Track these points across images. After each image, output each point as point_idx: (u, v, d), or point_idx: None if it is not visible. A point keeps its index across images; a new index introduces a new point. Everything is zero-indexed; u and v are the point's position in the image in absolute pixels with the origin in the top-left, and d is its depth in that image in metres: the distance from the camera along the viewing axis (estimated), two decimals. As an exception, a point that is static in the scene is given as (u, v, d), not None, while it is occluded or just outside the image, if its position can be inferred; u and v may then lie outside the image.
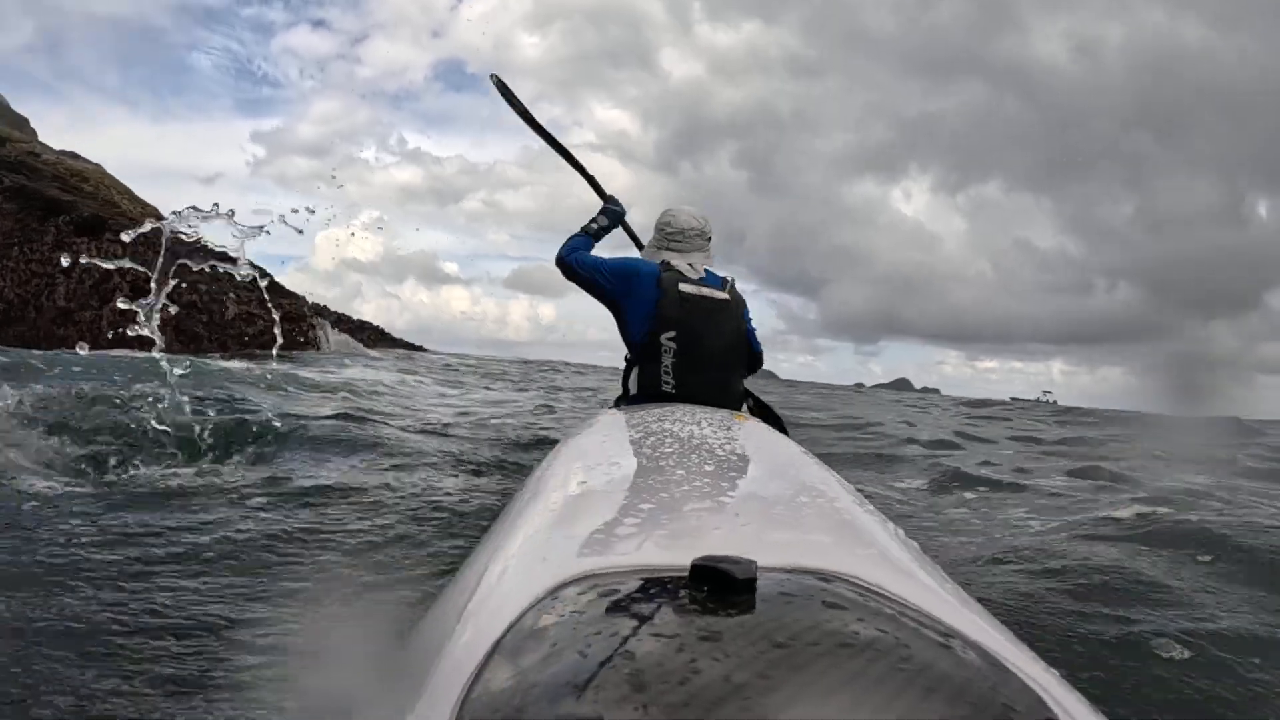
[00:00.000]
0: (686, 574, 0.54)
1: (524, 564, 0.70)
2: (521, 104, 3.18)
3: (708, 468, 1.10)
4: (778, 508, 0.89)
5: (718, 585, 0.52)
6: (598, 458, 1.28)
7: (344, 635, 1.46)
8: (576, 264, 2.51)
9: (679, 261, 2.43)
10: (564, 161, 3.09)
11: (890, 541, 0.78)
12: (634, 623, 0.49)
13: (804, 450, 1.44)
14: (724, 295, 2.41)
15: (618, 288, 2.44)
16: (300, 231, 3.42)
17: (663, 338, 2.37)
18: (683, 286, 2.37)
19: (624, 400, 2.57)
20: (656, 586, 0.56)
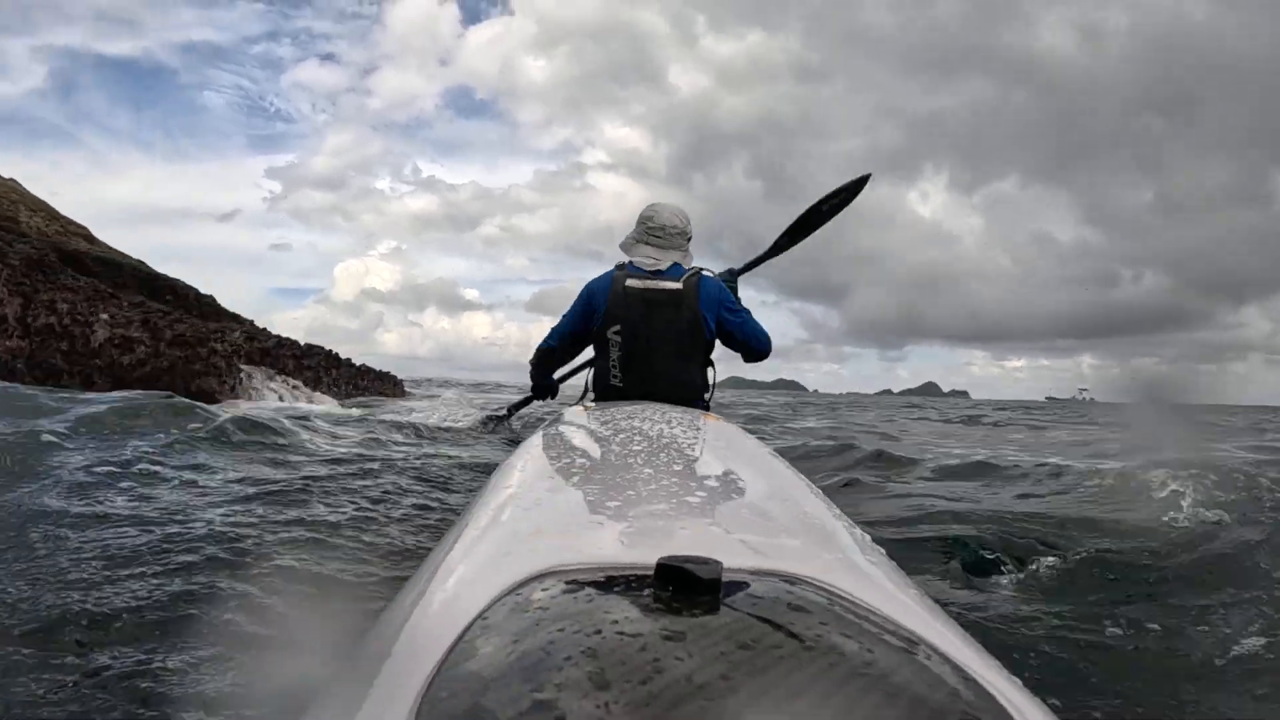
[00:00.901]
0: (652, 572, 0.54)
1: (488, 559, 0.69)
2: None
3: (676, 467, 1.10)
4: (745, 509, 0.88)
5: (682, 585, 0.52)
6: (565, 454, 1.27)
7: (301, 631, 1.43)
8: (558, 346, 2.66)
9: (644, 256, 2.45)
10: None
11: (856, 546, 0.79)
12: (597, 620, 0.48)
13: (773, 452, 1.44)
14: (675, 285, 2.39)
15: (587, 311, 2.50)
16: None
17: (609, 332, 2.41)
18: (629, 282, 2.39)
19: (583, 398, 2.60)
20: (621, 584, 0.55)
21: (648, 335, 2.37)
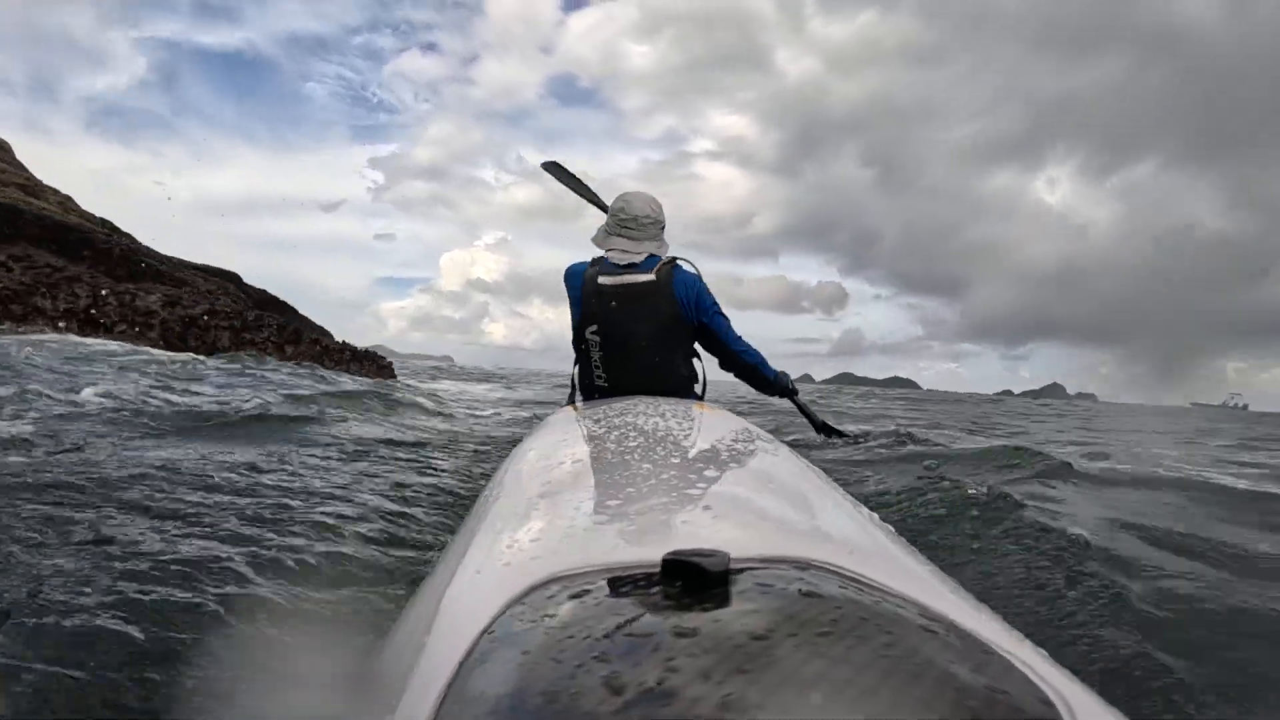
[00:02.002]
0: (658, 570, 0.52)
1: (490, 570, 0.68)
2: (575, 179, 3.15)
3: (674, 460, 1.09)
4: (749, 497, 0.87)
5: (690, 580, 0.51)
6: (560, 456, 1.25)
7: (304, 656, 1.41)
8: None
9: (616, 249, 2.42)
10: None
11: (865, 526, 0.78)
12: (606, 623, 0.47)
13: (773, 437, 1.43)
14: (648, 277, 2.34)
15: (569, 299, 2.47)
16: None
17: (587, 333, 2.38)
18: (601, 279, 2.36)
19: (571, 398, 2.57)
20: (628, 584, 0.54)
21: (626, 332, 2.34)
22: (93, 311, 12.48)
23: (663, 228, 2.50)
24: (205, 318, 13.46)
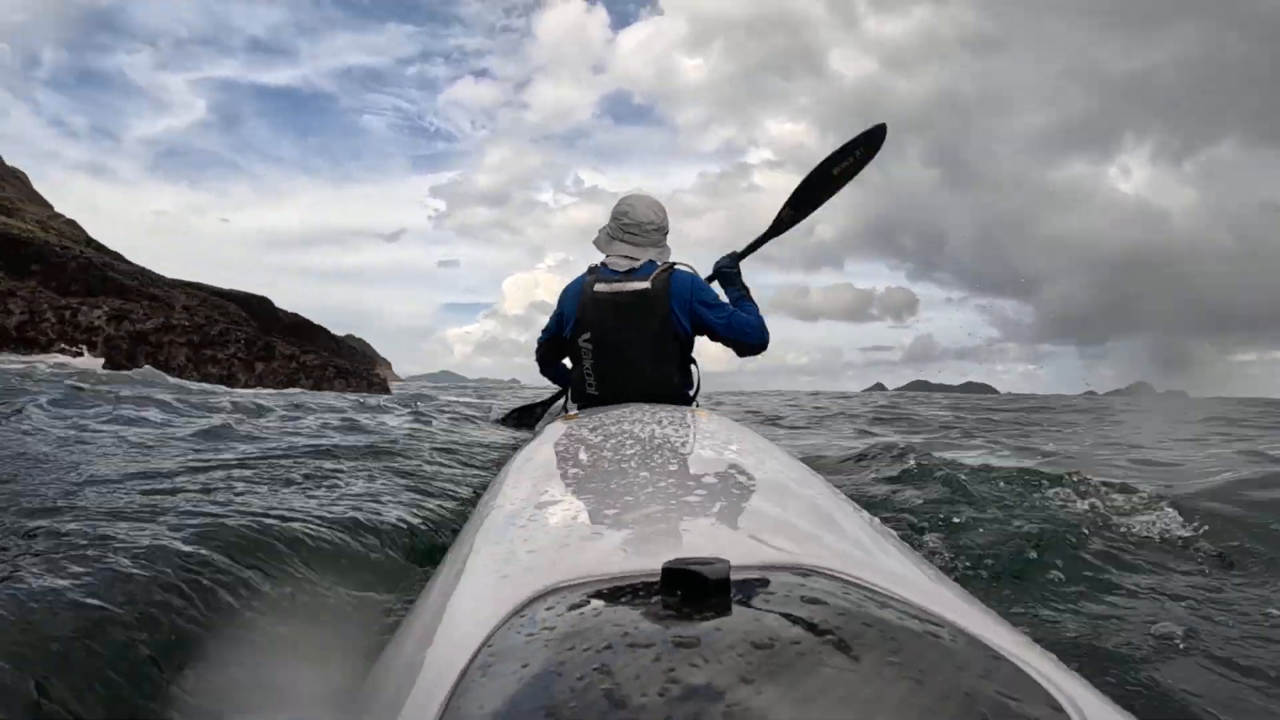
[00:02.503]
0: (657, 579, 0.52)
1: (487, 583, 0.67)
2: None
3: (672, 467, 1.08)
4: (748, 503, 0.87)
5: (691, 588, 0.50)
6: (556, 467, 1.24)
7: (300, 672, 1.40)
8: (541, 350, 2.67)
9: (617, 255, 2.42)
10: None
11: (867, 531, 0.77)
12: (606, 635, 0.47)
13: (771, 442, 1.43)
14: (643, 285, 2.32)
15: (560, 318, 2.49)
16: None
17: (580, 340, 2.38)
18: (597, 288, 2.35)
19: (564, 408, 2.58)
20: (627, 594, 0.53)
21: (619, 341, 2.33)
22: (27, 329, 12.02)
23: (666, 233, 2.49)
24: (156, 333, 12.80)
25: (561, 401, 2.65)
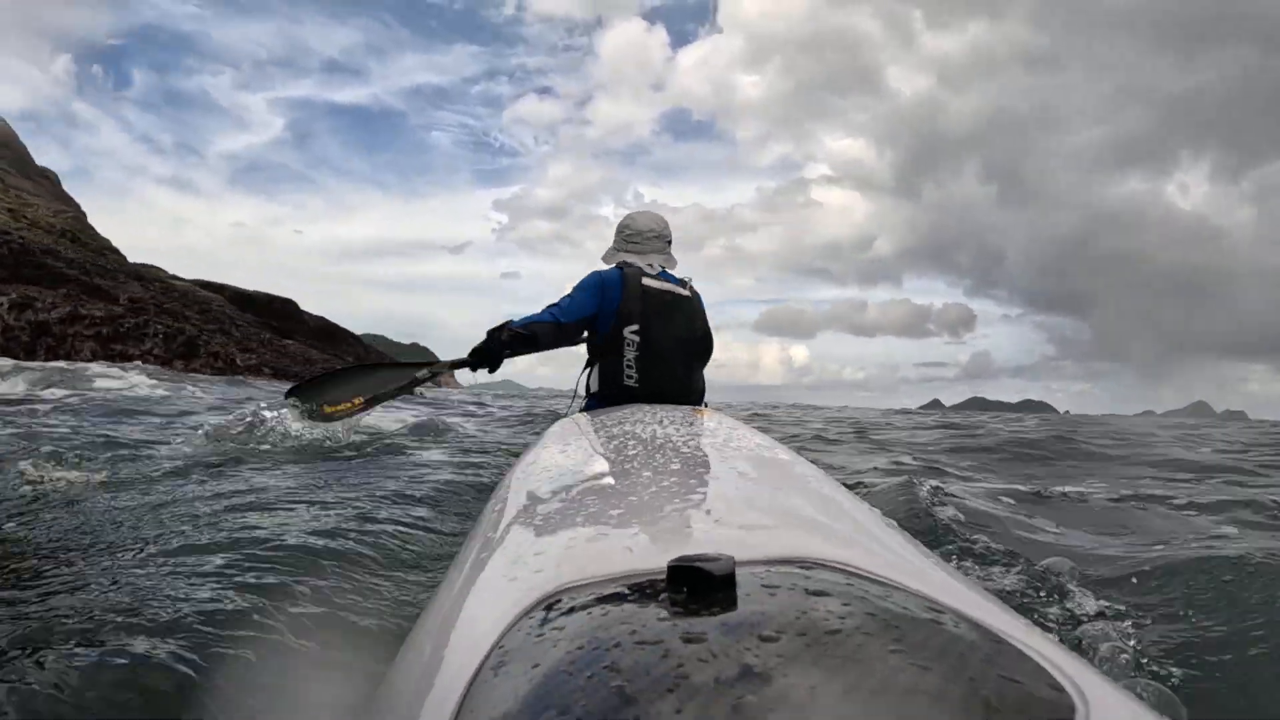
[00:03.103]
0: (664, 576, 0.52)
1: (496, 586, 0.68)
2: (326, 406, 2.91)
3: (674, 466, 1.09)
4: (751, 499, 0.87)
5: (697, 584, 0.51)
6: (561, 468, 1.25)
7: (315, 675, 1.41)
8: (569, 325, 2.51)
9: (638, 260, 2.49)
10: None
11: (869, 523, 0.78)
12: (614, 633, 0.47)
13: (772, 438, 1.43)
14: (685, 292, 2.47)
15: (600, 302, 2.45)
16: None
17: (626, 331, 2.40)
18: (645, 281, 2.43)
19: (585, 401, 2.58)
20: (634, 593, 0.54)
21: (665, 337, 2.41)
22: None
23: (669, 242, 2.59)
24: (60, 324, 11.91)
25: (580, 396, 2.61)
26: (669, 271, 2.54)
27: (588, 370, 2.54)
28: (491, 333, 2.53)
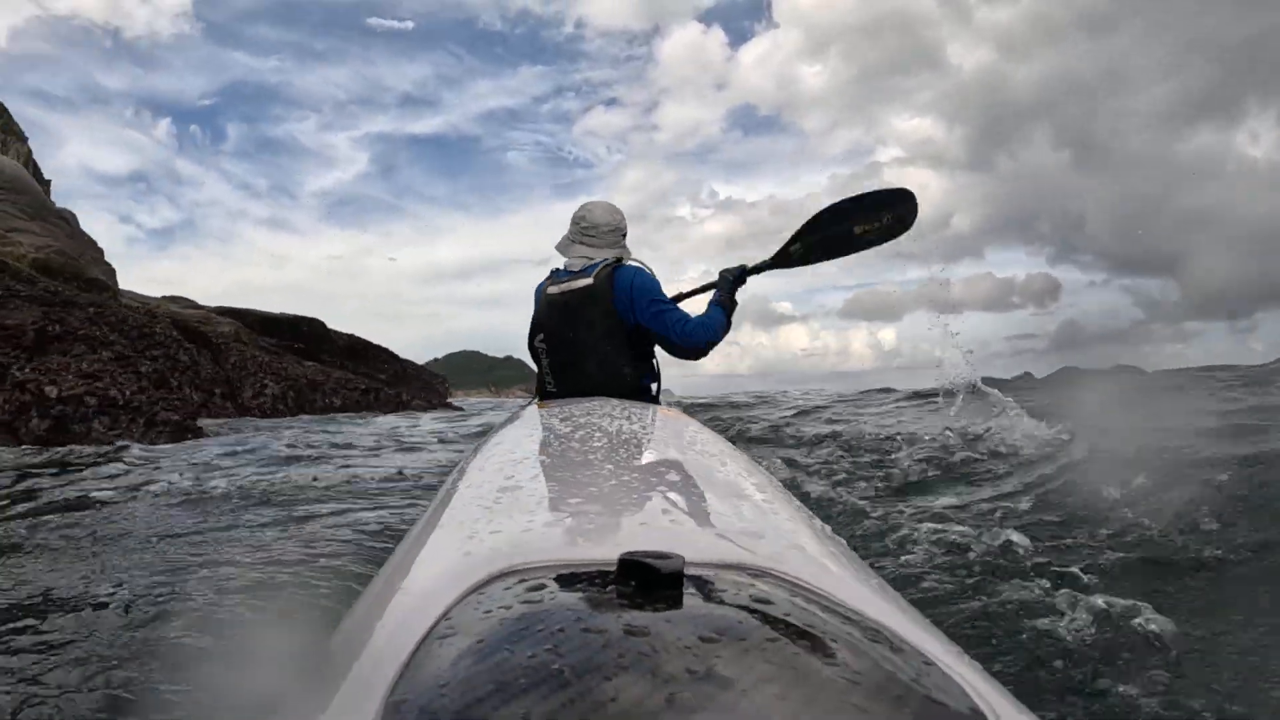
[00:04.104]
0: (613, 569, 0.54)
1: (448, 561, 0.68)
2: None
3: (636, 462, 1.10)
4: (706, 503, 0.89)
5: (645, 580, 0.52)
6: (524, 451, 1.26)
7: (262, 637, 1.41)
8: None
9: (576, 257, 2.47)
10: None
11: (817, 538, 0.80)
12: (560, 618, 0.48)
13: (733, 446, 1.45)
14: (586, 282, 2.34)
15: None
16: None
17: (536, 341, 2.45)
18: (549, 289, 2.43)
19: (533, 399, 2.61)
20: (584, 581, 0.55)
21: (569, 339, 2.37)
22: None
23: (624, 234, 2.54)
24: None
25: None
26: (609, 260, 2.40)
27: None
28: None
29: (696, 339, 2.38)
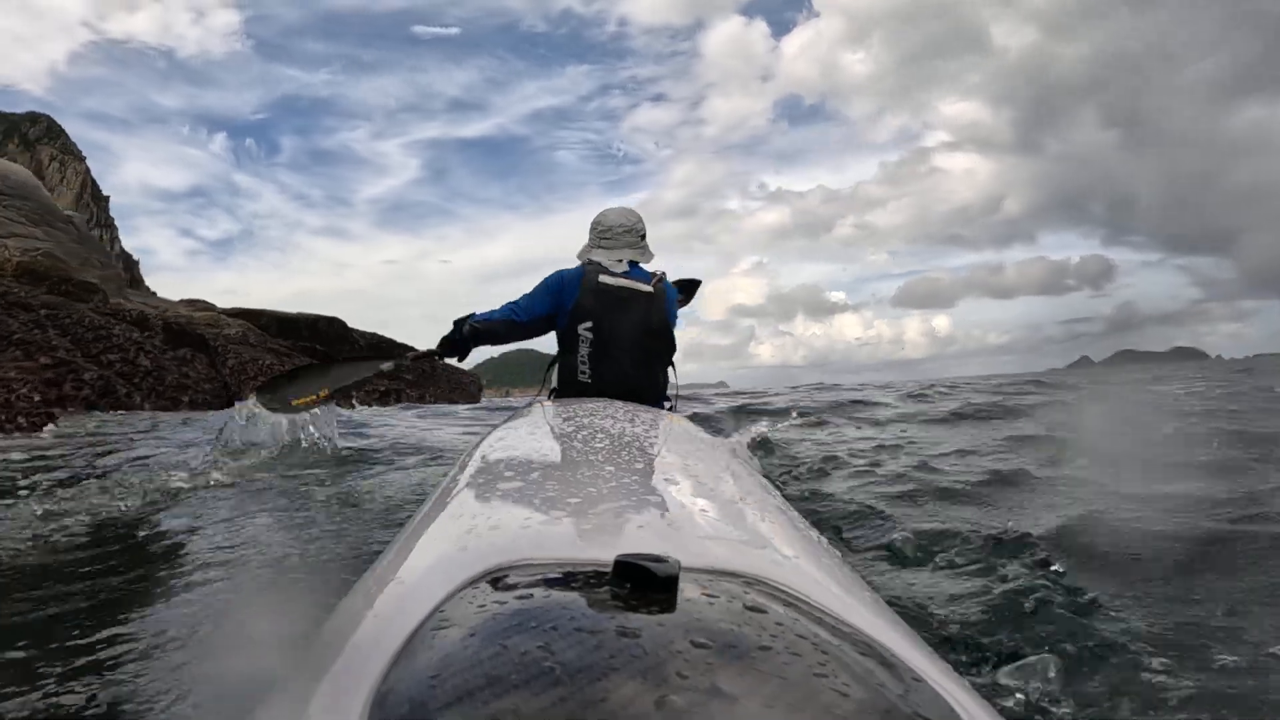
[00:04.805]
0: (610, 569, 0.54)
1: (445, 553, 0.69)
2: (296, 394, 2.93)
3: (637, 465, 1.10)
4: (705, 510, 0.89)
5: (640, 582, 0.52)
6: (527, 449, 1.26)
7: (255, 627, 1.41)
8: (525, 322, 2.58)
9: (605, 258, 2.51)
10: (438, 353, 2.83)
11: (813, 549, 0.80)
12: (554, 616, 0.48)
13: (736, 455, 1.45)
14: (646, 287, 2.46)
15: (555, 299, 2.51)
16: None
17: (580, 328, 2.45)
18: (601, 278, 2.45)
19: (541, 391, 2.63)
20: (579, 580, 0.55)
21: (618, 334, 2.41)
22: None
23: (642, 236, 2.60)
24: None
25: (547, 389, 2.67)
26: (642, 267, 2.54)
27: (553, 365, 2.59)
28: (456, 323, 2.71)
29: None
